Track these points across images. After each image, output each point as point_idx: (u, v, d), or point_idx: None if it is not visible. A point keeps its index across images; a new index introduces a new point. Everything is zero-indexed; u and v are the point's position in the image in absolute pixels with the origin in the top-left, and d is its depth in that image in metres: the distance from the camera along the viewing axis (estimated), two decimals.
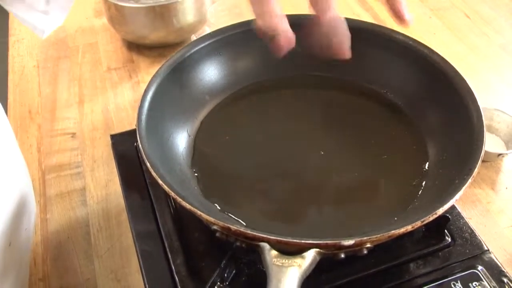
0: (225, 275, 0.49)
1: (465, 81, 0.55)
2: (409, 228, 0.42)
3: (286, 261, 0.40)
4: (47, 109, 0.86)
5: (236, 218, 0.51)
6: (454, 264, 0.50)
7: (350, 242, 0.41)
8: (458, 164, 0.49)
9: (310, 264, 0.41)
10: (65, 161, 0.77)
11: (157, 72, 0.57)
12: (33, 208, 0.63)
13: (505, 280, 0.49)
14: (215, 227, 0.44)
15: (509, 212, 0.67)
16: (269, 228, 0.48)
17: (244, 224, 0.50)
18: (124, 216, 0.66)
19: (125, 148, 0.64)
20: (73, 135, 0.82)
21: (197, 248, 0.53)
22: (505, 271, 0.50)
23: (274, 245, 0.41)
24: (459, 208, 0.55)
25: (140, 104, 0.54)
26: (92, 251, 0.66)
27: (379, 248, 0.49)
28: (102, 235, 0.67)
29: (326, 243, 0.41)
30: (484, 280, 0.49)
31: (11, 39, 1.02)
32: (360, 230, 0.49)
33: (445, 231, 0.53)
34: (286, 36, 0.45)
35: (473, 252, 0.51)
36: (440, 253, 0.51)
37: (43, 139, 0.81)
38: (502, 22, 1.01)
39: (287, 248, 0.41)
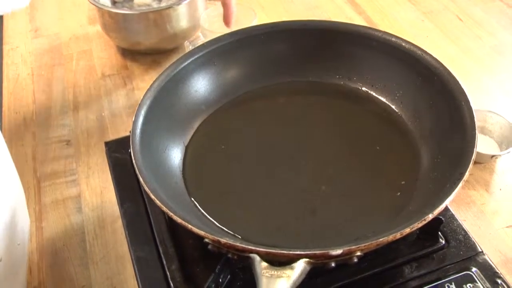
0: (220, 280, 0.49)
1: (458, 82, 0.55)
2: (397, 235, 0.42)
3: (275, 272, 0.40)
4: (41, 116, 0.86)
5: (229, 231, 0.51)
6: (448, 266, 0.51)
7: (338, 251, 0.41)
8: (450, 168, 0.49)
9: (300, 275, 0.41)
10: (60, 169, 0.78)
11: (151, 85, 0.58)
12: (26, 223, 0.63)
13: (499, 281, 0.49)
14: (206, 240, 0.44)
15: (503, 213, 0.68)
16: (263, 239, 0.49)
17: (239, 236, 0.51)
18: (119, 223, 0.66)
19: (119, 155, 0.64)
20: (68, 142, 0.82)
21: (192, 254, 0.53)
22: (499, 272, 0.50)
23: (264, 256, 0.41)
24: (453, 210, 0.55)
25: (134, 118, 0.54)
26: (88, 258, 0.66)
27: (373, 252, 0.50)
28: (97, 242, 0.67)
29: (315, 253, 0.41)
30: (478, 281, 0.49)
31: (5, 48, 1.02)
32: (355, 235, 0.49)
33: (439, 233, 0.53)
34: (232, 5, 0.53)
35: (467, 254, 0.51)
36: (434, 255, 0.52)
37: (38, 146, 0.81)
38: (494, 24, 1.01)
39: (277, 259, 0.41)
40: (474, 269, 0.50)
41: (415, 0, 1.08)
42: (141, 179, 0.48)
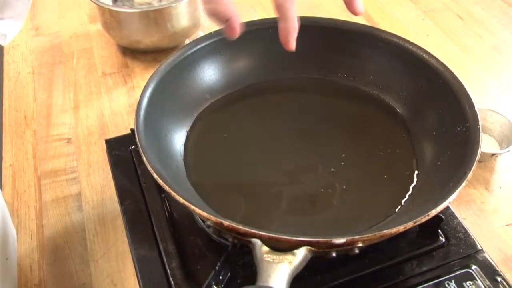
0: (220, 277, 0.49)
1: (463, 86, 0.55)
2: (401, 228, 0.42)
3: (277, 257, 0.41)
4: (42, 114, 0.86)
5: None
6: (448, 264, 0.51)
7: (341, 240, 0.41)
8: (454, 167, 0.49)
9: (301, 262, 0.41)
10: (60, 167, 0.78)
11: (157, 69, 0.58)
12: (13, 237, 0.62)
13: (499, 279, 0.49)
14: (208, 222, 0.44)
15: (503, 211, 0.68)
16: (262, 226, 0.49)
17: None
18: (120, 221, 0.66)
19: (120, 153, 0.64)
20: (69, 140, 0.82)
21: (192, 252, 0.53)
22: (499, 270, 0.50)
23: (266, 241, 0.42)
24: (453, 208, 0.56)
25: (139, 99, 0.54)
26: (88, 256, 0.66)
27: (374, 249, 0.50)
28: (98, 240, 0.67)
29: (318, 241, 0.41)
30: (478, 279, 0.49)
31: (6, 46, 1.02)
32: (354, 230, 0.50)
33: (439, 231, 0.53)
34: (239, 19, 0.43)
35: (467, 252, 0.52)
36: (434, 253, 0.52)
37: (39, 144, 0.81)
38: (494, 23, 1.01)
39: (278, 245, 0.41)
40: (474, 267, 0.50)
41: None
42: (144, 159, 0.48)
